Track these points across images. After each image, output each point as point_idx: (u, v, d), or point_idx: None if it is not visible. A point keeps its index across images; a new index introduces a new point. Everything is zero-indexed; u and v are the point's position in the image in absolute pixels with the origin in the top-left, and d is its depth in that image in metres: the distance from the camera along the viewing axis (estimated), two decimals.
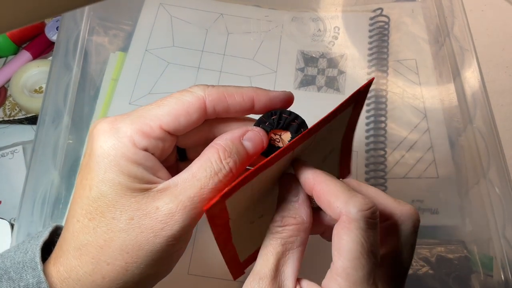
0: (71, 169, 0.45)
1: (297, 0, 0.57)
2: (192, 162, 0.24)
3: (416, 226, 0.26)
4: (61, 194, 0.44)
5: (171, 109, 0.24)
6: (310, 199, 0.26)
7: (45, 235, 0.25)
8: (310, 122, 0.30)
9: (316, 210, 0.27)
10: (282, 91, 0.28)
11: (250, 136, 0.25)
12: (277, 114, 0.27)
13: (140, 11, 0.54)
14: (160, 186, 0.23)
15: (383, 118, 0.49)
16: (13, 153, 0.51)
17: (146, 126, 0.24)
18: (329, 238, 0.27)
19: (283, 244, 0.24)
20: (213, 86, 0.26)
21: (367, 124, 0.49)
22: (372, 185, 0.45)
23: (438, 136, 0.48)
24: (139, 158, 0.23)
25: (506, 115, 0.56)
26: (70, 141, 0.46)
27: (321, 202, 0.24)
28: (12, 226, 0.45)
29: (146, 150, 0.24)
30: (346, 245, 0.22)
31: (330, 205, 0.24)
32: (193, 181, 0.23)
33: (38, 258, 0.23)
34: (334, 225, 0.24)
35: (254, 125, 0.27)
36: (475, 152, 0.45)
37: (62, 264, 0.23)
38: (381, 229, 0.25)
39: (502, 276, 0.39)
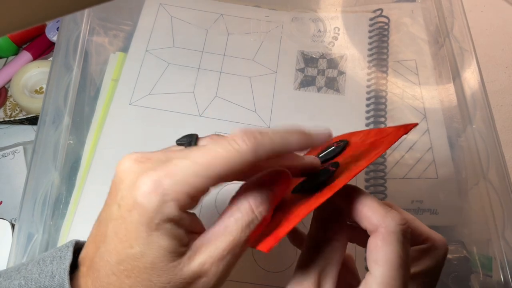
0: (71, 169, 0.45)
1: (297, 1, 0.57)
2: (223, 213, 0.24)
3: (446, 253, 0.28)
4: (61, 195, 0.44)
5: (217, 166, 0.22)
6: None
7: (69, 256, 0.24)
8: (310, 123, 0.30)
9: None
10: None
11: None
12: None
13: (140, 12, 0.54)
14: (197, 244, 0.23)
15: (383, 119, 0.49)
16: (13, 154, 0.51)
17: (193, 189, 0.22)
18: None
19: (325, 259, 0.24)
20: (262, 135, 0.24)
21: (367, 125, 0.49)
22: (372, 185, 0.46)
23: (437, 136, 0.48)
24: (183, 220, 0.23)
25: (506, 115, 0.56)
26: (71, 142, 0.46)
27: (357, 214, 0.25)
28: (13, 226, 0.45)
29: (190, 209, 0.23)
30: (385, 255, 0.23)
31: (366, 218, 0.25)
32: (225, 235, 0.23)
33: (67, 285, 0.23)
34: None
35: None
36: (474, 153, 0.45)
37: None
38: (418, 250, 0.28)
39: (502, 277, 0.39)
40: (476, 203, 0.44)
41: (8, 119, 0.55)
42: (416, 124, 0.27)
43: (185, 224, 0.23)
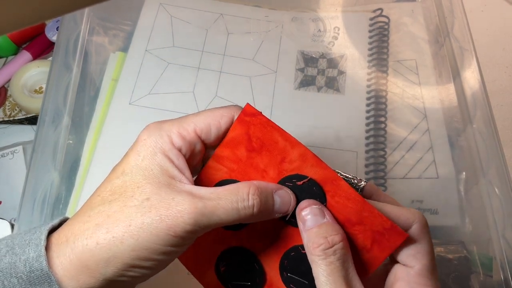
0: (71, 169, 0.45)
1: (297, 0, 0.56)
2: (222, 187, 0.26)
3: (426, 224, 0.27)
4: (61, 195, 0.44)
5: (206, 117, 0.27)
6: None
7: (55, 221, 0.26)
8: (310, 122, 0.30)
9: None
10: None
11: (283, 193, 0.27)
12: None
13: (140, 11, 0.54)
14: (185, 187, 0.25)
15: (383, 119, 0.49)
16: (13, 153, 0.51)
17: (183, 129, 0.27)
18: None
19: (343, 264, 0.24)
20: None
21: (367, 124, 0.49)
22: None
23: (438, 136, 0.48)
24: (173, 155, 0.26)
25: (506, 115, 0.56)
26: (70, 141, 0.46)
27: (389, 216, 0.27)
28: (12, 226, 0.45)
29: (180, 150, 0.26)
30: (426, 248, 0.26)
31: (400, 216, 0.27)
32: (216, 200, 0.24)
33: (43, 236, 0.24)
34: None
35: None
36: (475, 152, 0.45)
37: (64, 230, 0.24)
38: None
39: (502, 276, 0.39)
40: (477, 203, 0.43)
41: (7, 119, 0.55)
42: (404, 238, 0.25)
43: (174, 160, 0.26)
